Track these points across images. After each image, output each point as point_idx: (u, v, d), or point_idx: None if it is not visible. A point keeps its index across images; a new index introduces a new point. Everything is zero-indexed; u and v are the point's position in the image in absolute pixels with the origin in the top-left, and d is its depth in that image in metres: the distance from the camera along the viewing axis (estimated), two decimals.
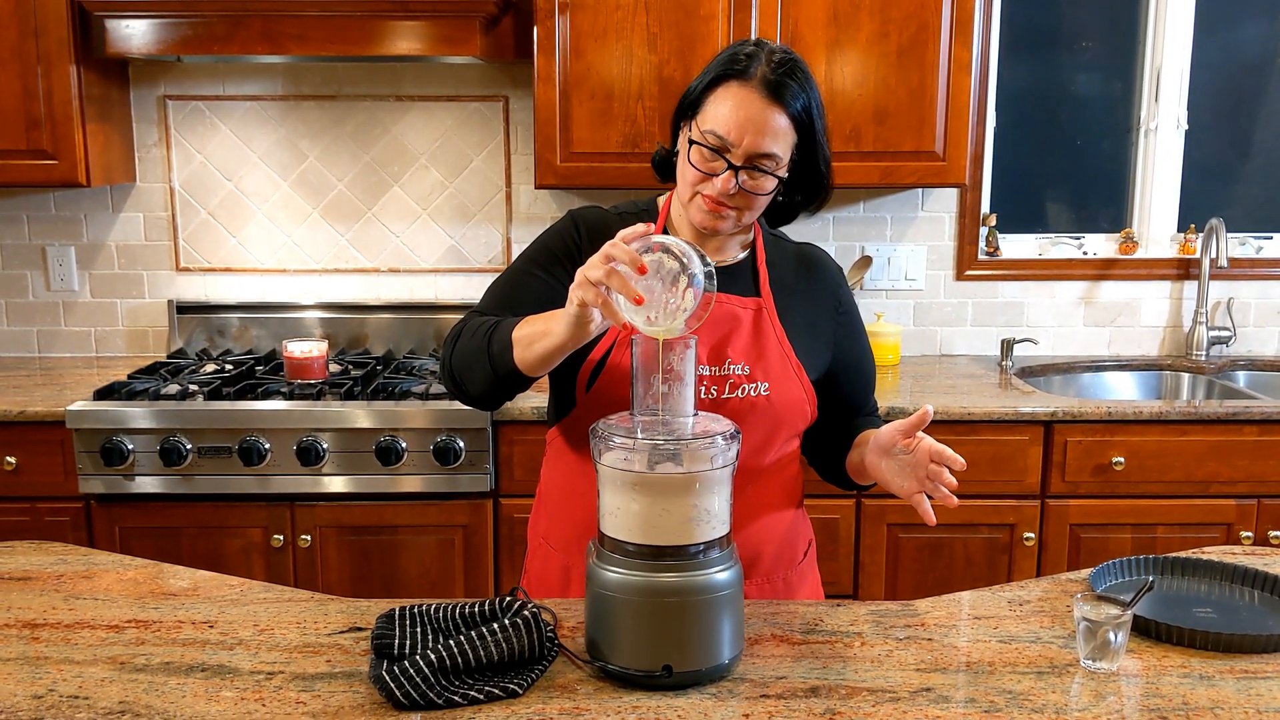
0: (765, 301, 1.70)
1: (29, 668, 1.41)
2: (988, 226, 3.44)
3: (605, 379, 1.65)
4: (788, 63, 1.57)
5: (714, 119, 1.56)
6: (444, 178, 3.34)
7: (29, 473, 2.78)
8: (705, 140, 1.57)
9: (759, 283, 1.71)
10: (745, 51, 1.57)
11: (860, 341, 1.83)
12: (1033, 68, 3.47)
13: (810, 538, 1.88)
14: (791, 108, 1.55)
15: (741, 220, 1.63)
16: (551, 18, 2.90)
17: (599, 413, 1.63)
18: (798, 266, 1.76)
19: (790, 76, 1.56)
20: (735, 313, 1.67)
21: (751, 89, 1.54)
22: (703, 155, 1.57)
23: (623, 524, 1.37)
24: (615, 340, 1.65)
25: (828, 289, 1.77)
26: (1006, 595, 1.65)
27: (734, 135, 1.55)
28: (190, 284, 3.40)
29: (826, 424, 1.80)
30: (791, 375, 1.69)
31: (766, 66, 1.55)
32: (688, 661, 1.35)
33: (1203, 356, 3.39)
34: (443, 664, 1.34)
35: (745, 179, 1.57)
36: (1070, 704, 1.33)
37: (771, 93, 1.54)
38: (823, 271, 1.78)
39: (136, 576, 1.71)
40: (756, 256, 1.73)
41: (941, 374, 3.21)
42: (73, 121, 2.96)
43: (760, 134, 1.55)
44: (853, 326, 1.81)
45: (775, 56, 1.57)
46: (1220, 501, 2.87)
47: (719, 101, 1.56)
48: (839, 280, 1.80)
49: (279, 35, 2.85)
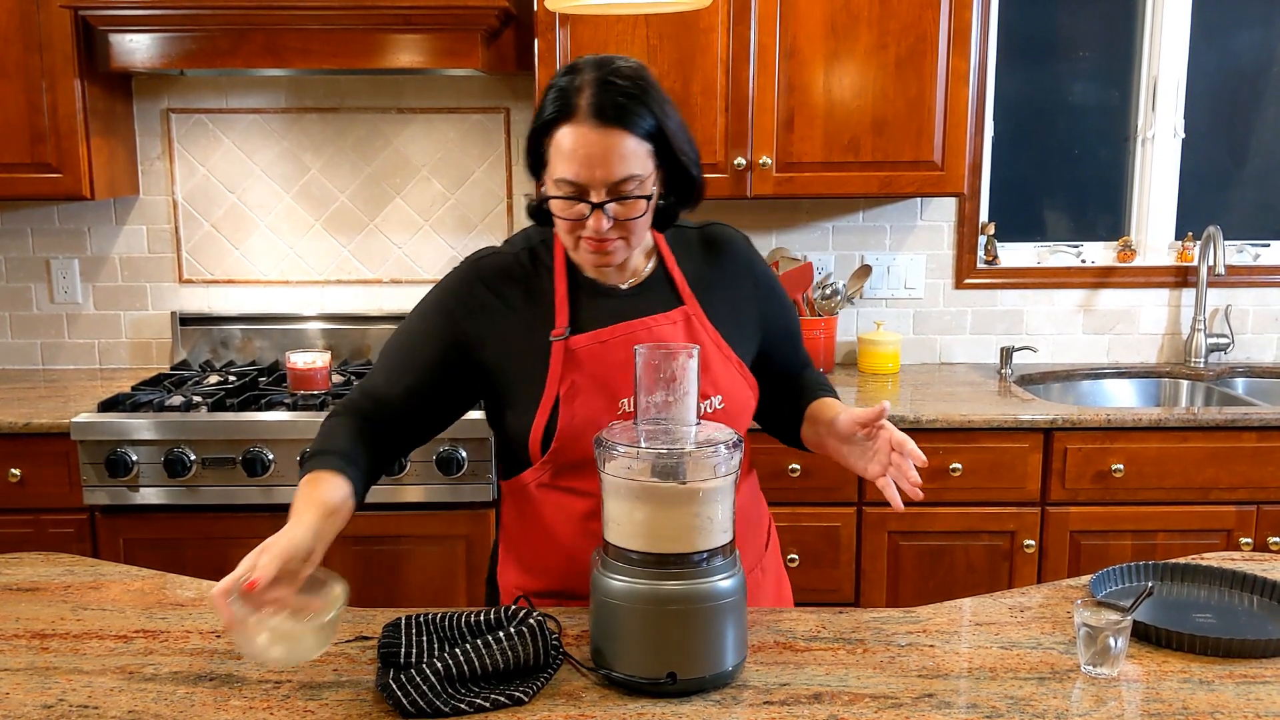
0: (691, 307, 1.66)
1: (38, 678, 1.42)
2: (986, 235, 3.45)
3: (562, 440, 1.59)
4: (608, 80, 1.49)
5: (560, 167, 1.50)
6: (446, 189, 3.36)
7: (34, 484, 2.79)
8: (560, 191, 1.51)
9: (677, 289, 1.67)
10: (572, 85, 1.49)
11: (782, 305, 1.79)
12: (1030, 77, 3.49)
13: (769, 519, 1.86)
14: (635, 126, 1.49)
15: (631, 246, 1.59)
16: (552, 30, 2.92)
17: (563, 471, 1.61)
18: (706, 253, 1.72)
19: (623, 93, 1.49)
20: (667, 331, 1.63)
21: (582, 124, 1.47)
22: (565, 204, 1.52)
23: (626, 532, 1.38)
24: (558, 397, 1.59)
25: (741, 266, 1.73)
26: (1007, 602, 1.66)
27: (584, 175, 1.49)
28: (193, 296, 3.41)
29: (772, 394, 1.77)
30: (736, 375, 1.67)
31: (590, 94, 1.48)
32: (692, 669, 1.36)
33: (1201, 363, 3.40)
34: (449, 672, 1.35)
35: (615, 209, 1.52)
36: (1071, 709, 1.34)
37: (604, 119, 1.47)
38: (731, 250, 1.73)
39: (144, 587, 1.73)
40: (666, 262, 1.68)
41: (941, 382, 3.22)
42: (77, 135, 2.97)
43: (609, 164, 1.48)
44: (773, 293, 1.77)
45: (602, 76, 1.49)
46: (1219, 508, 2.88)
47: (557, 148, 1.50)
48: (749, 253, 1.76)
49: (282, 48, 2.87)
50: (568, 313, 1.61)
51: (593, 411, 1.58)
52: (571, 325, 1.61)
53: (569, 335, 1.60)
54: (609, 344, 1.61)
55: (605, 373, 1.60)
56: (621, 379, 1.59)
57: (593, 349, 1.60)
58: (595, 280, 1.65)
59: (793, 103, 2.97)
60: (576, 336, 1.60)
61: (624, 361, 1.57)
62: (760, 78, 2.95)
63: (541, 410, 1.60)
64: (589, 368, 1.60)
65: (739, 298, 1.72)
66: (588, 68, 1.52)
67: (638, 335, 1.61)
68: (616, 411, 1.59)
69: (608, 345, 1.61)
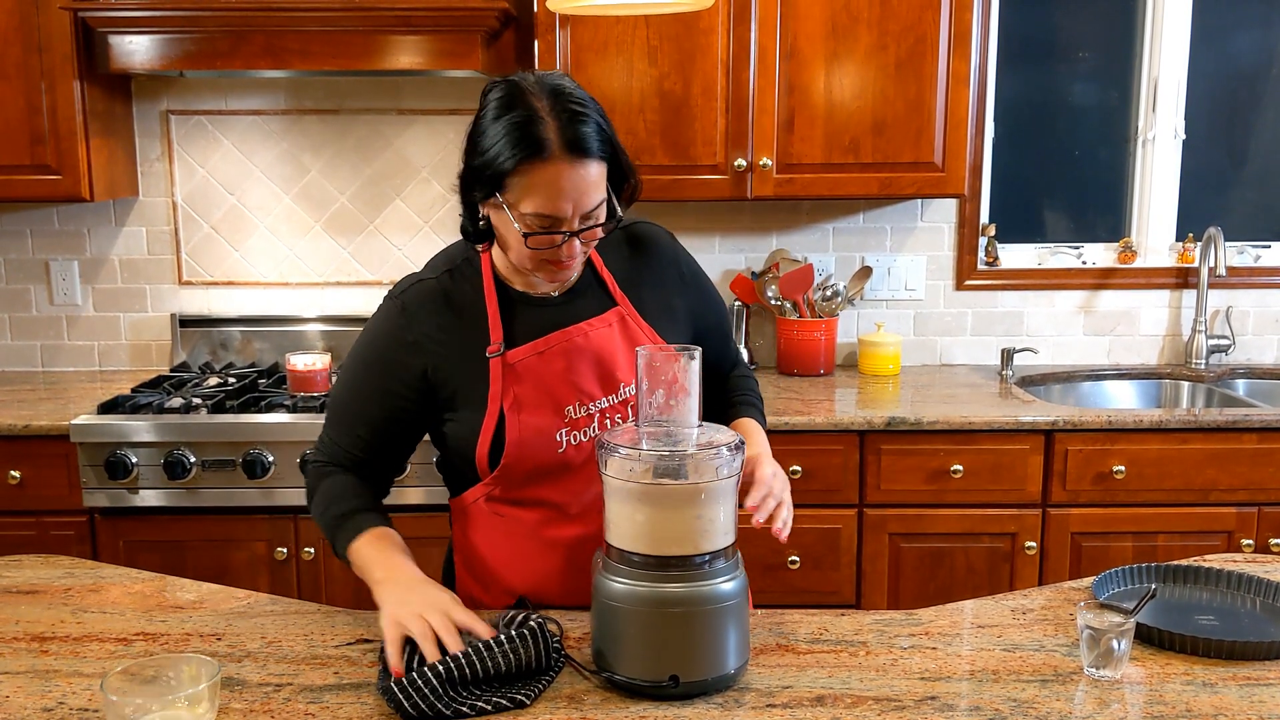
0: (624, 307, 1.67)
1: (39, 681, 1.42)
2: (987, 236, 3.45)
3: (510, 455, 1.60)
4: (567, 105, 1.47)
5: (535, 204, 1.47)
6: (446, 191, 3.35)
7: (33, 486, 2.78)
8: (534, 225, 1.49)
9: (609, 290, 1.68)
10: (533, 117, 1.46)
11: (709, 300, 1.80)
12: (1030, 78, 3.49)
13: None
14: (598, 151, 1.49)
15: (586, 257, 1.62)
16: (552, 31, 2.92)
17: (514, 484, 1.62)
18: (632, 251, 1.72)
19: (580, 119, 1.47)
20: (604, 334, 1.64)
21: (557, 162, 1.46)
22: (540, 238, 1.50)
23: (628, 535, 1.38)
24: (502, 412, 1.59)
25: (666, 261, 1.74)
26: (1009, 604, 1.66)
27: (563, 210, 1.48)
28: (193, 297, 3.41)
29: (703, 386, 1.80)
30: None
31: (556, 125, 1.46)
32: (694, 671, 1.36)
33: (1202, 365, 3.40)
34: (450, 675, 1.34)
35: (585, 235, 1.53)
36: (1074, 711, 1.33)
37: (577, 152, 1.46)
38: (655, 247, 1.74)
39: (144, 589, 1.72)
40: (595, 265, 1.68)
41: (941, 383, 3.22)
42: (76, 136, 2.97)
43: (584, 195, 1.49)
44: (701, 288, 1.78)
45: (559, 106, 1.47)
46: (1221, 509, 2.87)
47: (531, 187, 1.47)
48: (674, 248, 1.76)
49: (281, 50, 2.87)
50: (501, 328, 1.61)
51: (539, 422, 1.60)
52: (506, 340, 1.61)
53: (505, 350, 1.60)
54: (546, 354, 1.61)
55: (547, 383, 1.61)
56: (563, 388, 1.61)
57: (530, 361, 1.61)
58: (525, 292, 1.65)
59: (793, 104, 2.97)
60: (513, 350, 1.61)
61: (564, 370, 1.60)
62: (760, 79, 2.95)
63: (486, 427, 1.60)
64: (529, 380, 1.60)
65: (668, 292, 1.73)
66: (540, 94, 1.49)
67: (574, 342, 1.62)
68: (564, 420, 1.61)
69: (545, 356, 1.61)
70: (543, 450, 1.60)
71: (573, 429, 1.61)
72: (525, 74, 1.54)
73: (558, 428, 1.60)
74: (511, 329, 1.62)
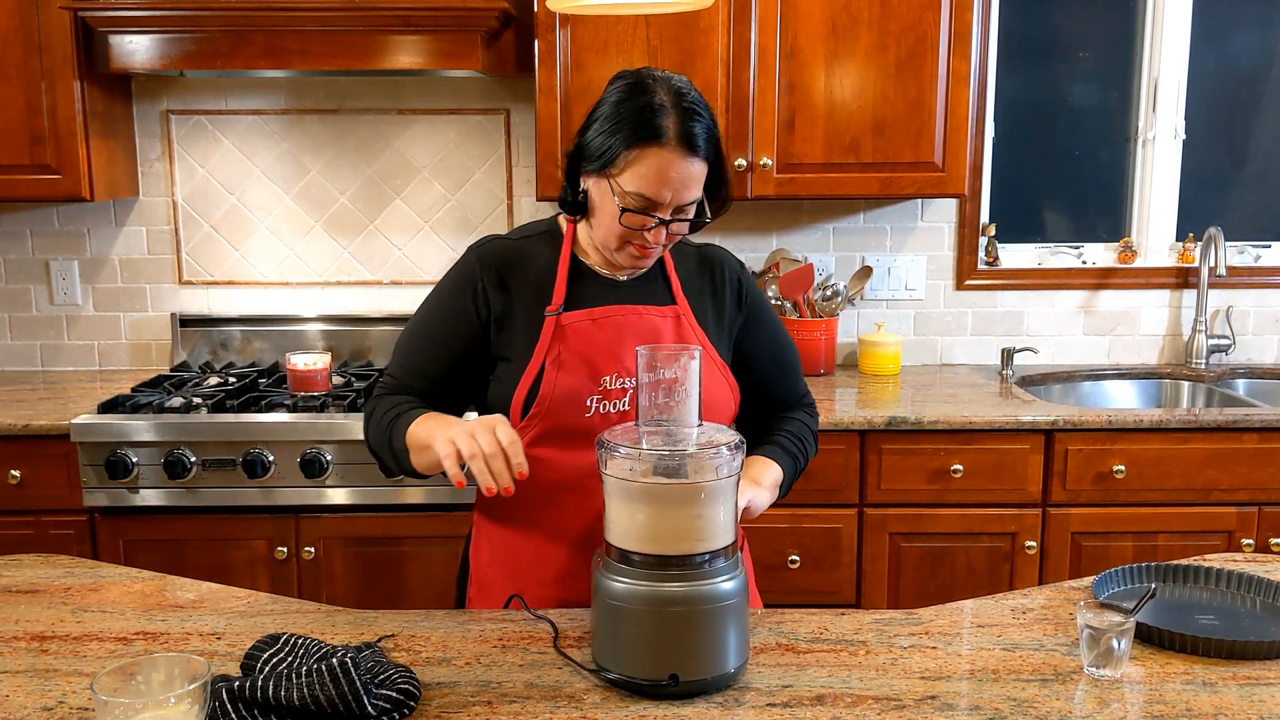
0: (681, 307, 1.75)
1: (39, 680, 1.42)
2: (987, 236, 3.45)
3: (542, 405, 1.65)
4: (688, 105, 1.59)
5: (639, 183, 1.58)
6: (446, 190, 3.35)
7: (34, 486, 2.78)
8: (631, 204, 1.60)
9: (672, 290, 1.76)
10: (654, 104, 1.58)
11: (767, 329, 1.85)
12: (1030, 78, 3.49)
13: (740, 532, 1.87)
14: (705, 152, 1.60)
15: (666, 249, 1.71)
16: (552, 31, 2.92)
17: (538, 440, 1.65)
18: (700, 269, 1.81)
19: (697, 119, 1.59)
20: (656, 323, 1.72)
21: (670, 150, 1.57)
22: (634, 217, 1.61)
23: (628, 534, 1.38)
24: (543, 365, 1.66)
25: (729, 281, 1.81)
26: (1009, 603, 1.66)
27: (663, 197, 1.59)
28: (193, 297, 3.41)
29: (753, 414, 1.84)
30: (718, 376, 1.74)
31: (676, 118, 1.57)
32: (694, 670, 1.36)
33: (1202, 365, 3.40)
34: (241, 693, 1.28)
35: (673, 225, 1.63)
36: (1074, 711, 1.33)
37: (690, 147, 1.58)
38: (723, 266, 1.82)
39: (144, 589, 1.72)
40: (665, 265, 1.77)
41: (942, 383, 3.22)
42: (76, 136, 2.97)
43: (686, 190, 1.60)
44: (760, 316, 1.84)
45: (681, 103, 1.59)
46: (1221, 509, 2.87)
47: (640, 167, 1.58)
48: (740, 273, 1.84)
49: (282, 50, 2.87)
50: (564, 292, 1.70)
51: (575, 383, 1.65)
52: (566, 304, 1.70)
53: (562, 311, 1.68)
54: (599, 322, 1.69)
55: (590, 350, 1.68)
56: (605, 358, 1.67)
57: (582, 325, 1.68)
58: (596, 269, 1.74)
59: (793, 104, 2.97)
60: (568, 313, 1.69)
61: (610, 341, 1.67)
62: (761, 79, 2.95)
63: (526, 377, 1.67)
64: (575, 343, 1.67)
65: (725, 309, 1.80)
66: (664, 90, 1.59)
67: (627, 319, 1.70)
68: (598, 388, 1.66)
69: (597, 324, 1.69)
70: (572, 410, 1.65)
71: (605, 398, 1.66)
72: (651, 69, 1.65)
73: (591, 393, 1.65)
74: (574, 296, 1.71)
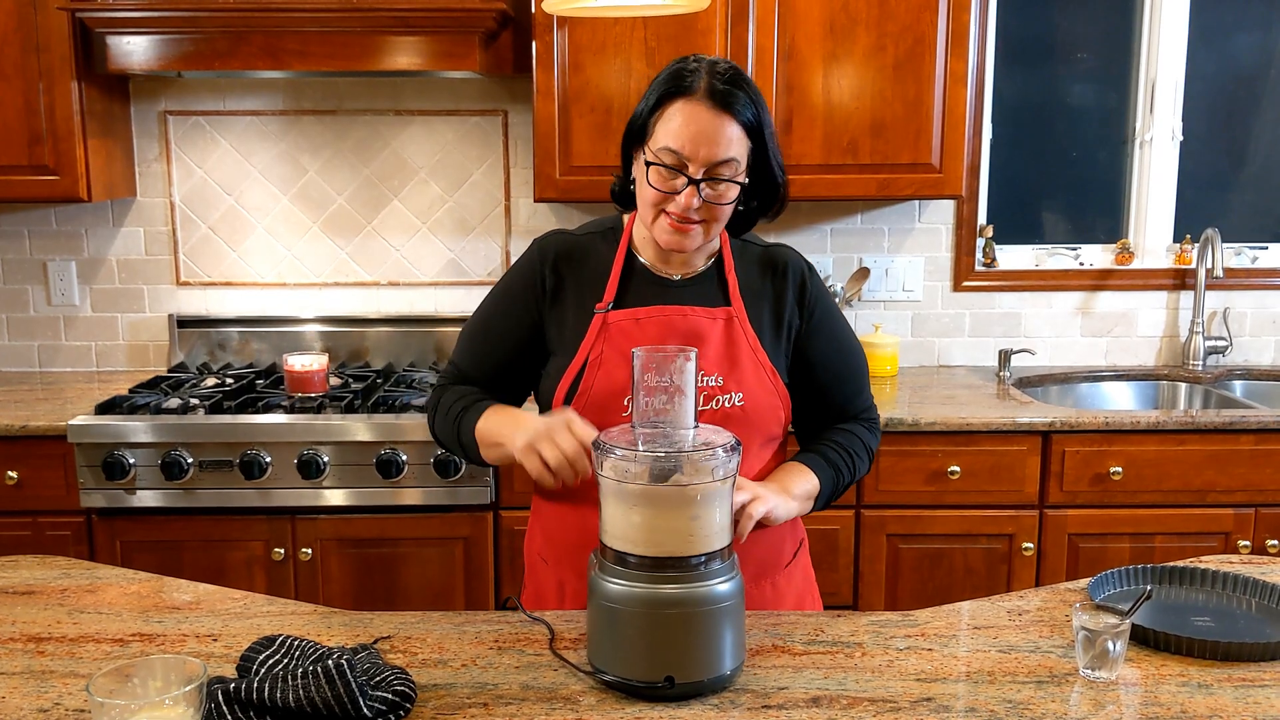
0: (735, 310, 1.70)
1: (35, 681, 1.42)
2: (984, 238, 3.45)
3: (579, 403, 1.65)
4: (731, 73, 1.59)
5: (666, 136, 1.57)
6: (444, 191, 3.35)
7: (31, 487, 2.78)
8: (661, 159, 1.58)
9: (728, 291, 1.71)
10: (688, 68, 1.59)
11: (832, 335, 1.78)
12: (1028, 79, 3.49)
13: (800, 537, 1.87)
14: (741, 115, 1.57)
15: (709, 234, 1.64)
16: (550, 32, 2.92)
17: None
18: (764, 269, 1.74)
19: (736, 85, 1.58)
20: (704, 324, 1.68)
21: (698, 101, 1.56)
22: (661, 175, 1.58)
23: (624, 536, 1.38)
24: (585, 363, 1.67)
25: (792, 283, 1.74)
26: (1006, 605, 1.66)
27: (689, 149, 1.56)
28: (191, 298, 3.41)
29: (810, 421, 1.80)
30: (766, 381, 1.69)
31: (710, 79, 1.57)
32: (690, 672, 1.36)
33: (1199, 366, 3.40)
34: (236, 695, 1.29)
35: (707, 191, 1.58)
36: (1070, 713, 1.33)
37: (719, 102, 1.56)
38: (787, 267, 1.74)
39: (140, 590, 1.72)
40: (724, 265, 1.73)
41: (939, 385, 3.22)
42: (74, 137, 2.97)
43: (714, 143, 1.56)
44: (825, 321, 1.76)
45: (719, 69, 1.59)
46: (1218, 511, 2.88)
47: (668, 120, 1.57)
48: (805, 275, 1.76)
49: (280, 51, 2.87)
50: (615, 290, 1.70)
51: (614, 383, 1.65)
52: (616, 302, 1.70)
53: (610, 309, 1.68)
54: (642, 322, 1.68)
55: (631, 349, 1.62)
56: None
57: (626, 324, 1.68)
58: (649, 268, 1.72)
59: (791, 104, 2.97)
60: (615, 311, 1.69)
61: (651, 341, 1.65)
62: (759, 79, 2.95)
63: (568, 374, 1.68)
64: (617, 341, 1.67)
65: (784, 312, 1.73)
66: (699, 62, 1.60)
67: (671, 320, 1.68)
68: None
69: (640, 324, 1.68)
70: (610, 409, 1.64)
71: None
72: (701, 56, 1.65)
73: (629, 393, 1.61)
74: (625, 294, 1.71)
